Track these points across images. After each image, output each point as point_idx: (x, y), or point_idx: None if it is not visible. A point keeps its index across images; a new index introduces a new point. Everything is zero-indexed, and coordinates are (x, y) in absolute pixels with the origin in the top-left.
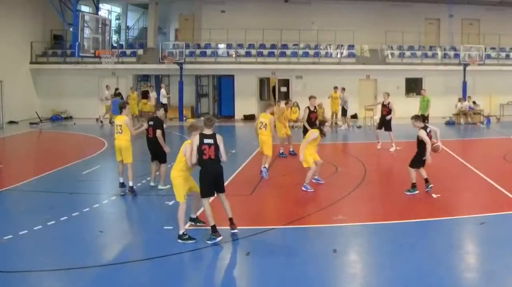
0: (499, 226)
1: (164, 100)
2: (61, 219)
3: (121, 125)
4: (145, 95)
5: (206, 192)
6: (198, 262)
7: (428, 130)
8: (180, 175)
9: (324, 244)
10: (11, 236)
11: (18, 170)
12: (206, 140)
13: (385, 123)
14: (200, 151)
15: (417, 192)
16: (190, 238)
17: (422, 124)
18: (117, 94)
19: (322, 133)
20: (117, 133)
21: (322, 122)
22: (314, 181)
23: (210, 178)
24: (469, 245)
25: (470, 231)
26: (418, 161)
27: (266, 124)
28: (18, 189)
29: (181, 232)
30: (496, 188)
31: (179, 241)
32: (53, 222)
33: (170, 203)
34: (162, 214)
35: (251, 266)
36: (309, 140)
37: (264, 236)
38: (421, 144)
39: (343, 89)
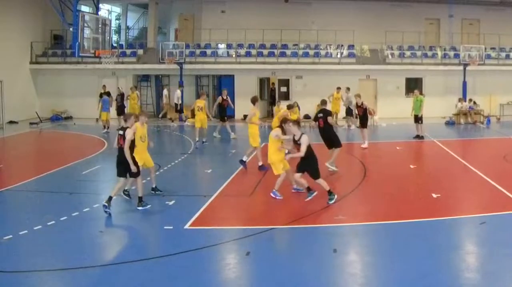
0: (499, 226)
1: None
2: (61, 219)
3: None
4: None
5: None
6: (198, 262)
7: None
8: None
9: (324, 244)
10: (11, 236)
11: (18, 170)
12: (120, 131)
13: (362, 121)
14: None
15: (315, 193)
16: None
17: (296, 127)
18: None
19: (283, 132)
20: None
21: (288, 121)
22: (294, 190)
23: (117, 161)
24: (469, 245)
25: (470, 231)
26: (304, 165)
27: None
28: (18, 189)
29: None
30: (496, 188)
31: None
32: (53, 222)
33: (170, 203)
34: (162, 214)
35: (251, 266)
36: (272, 138)
37: (264, 236)
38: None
39: (348, 89)
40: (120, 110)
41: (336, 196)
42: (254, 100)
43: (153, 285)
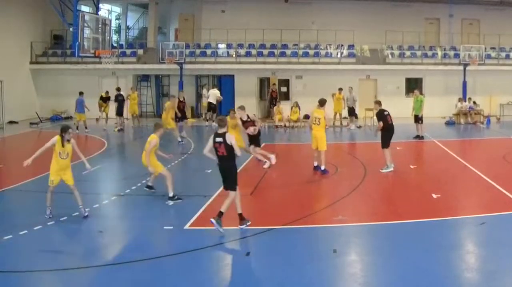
0: (499, 226)
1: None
2: (61, 219)
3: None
4: (105, 100)
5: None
6: (198, 262)
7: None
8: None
9: (324, 244)
10: (11, 236)
11: (18, 170)
12: (217, 139)
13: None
14: (214, 148)
15: None
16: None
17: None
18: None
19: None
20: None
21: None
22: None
23: (220, 171)
24: (469, 245)
25: (470, 231)
26: None
27: (320, 119)
28: (18, 189)
29: (171, 194)
30: (496, 188)
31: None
32: (53, 222)
33: (170, 203)
34: (162, 214)
35: (251, 266)
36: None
37: (264, 236)
38: None
39: (351, 88)
40: (119, 111)
41: None
42: (324, 102)
43: (153, 285)
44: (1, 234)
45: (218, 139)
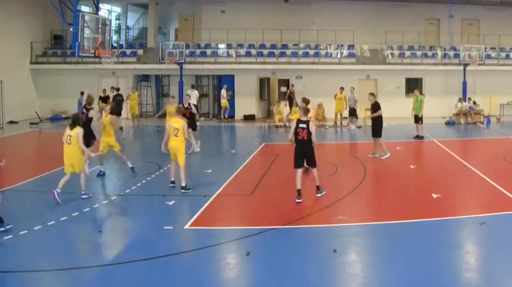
0: (499, 226)
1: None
2: (61, 219)
3: (178, 129)
4: (104, 100)
5: (295, 164)
6: (198, 262)
7: None
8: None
9: (324, 244)
10: (11, 236)
11: (18, 170)
12: (300, 125)
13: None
14: (295, 133)
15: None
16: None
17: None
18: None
19: None
20: (174, 136)
21: None
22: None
23: (299, 154)
24: (469, 245)
25: (470, 231)
26: None
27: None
28: (18, 189)
29: (184, 184)
30: (496, 188)
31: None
32: (53, 222)
33: (170, 203)
34: (162, 214)
35: (251, 266)
36: None
37: (264, 236)
38: None
39: (353, 88)
40: (117, 110)
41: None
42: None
43: (153, 285)
44: (1, 234)
45: (302, 125)
